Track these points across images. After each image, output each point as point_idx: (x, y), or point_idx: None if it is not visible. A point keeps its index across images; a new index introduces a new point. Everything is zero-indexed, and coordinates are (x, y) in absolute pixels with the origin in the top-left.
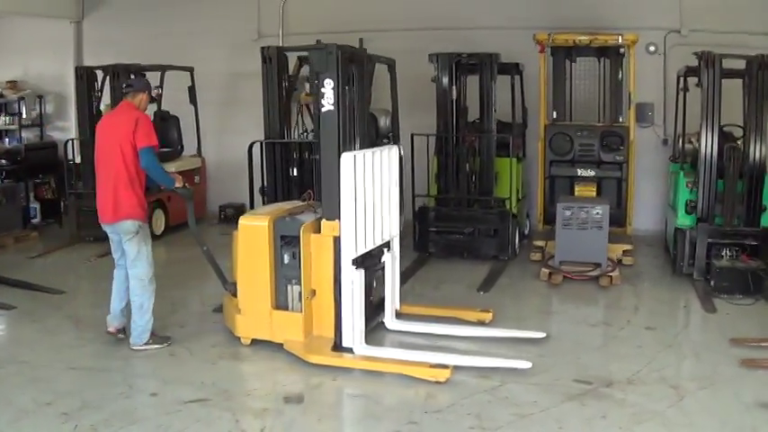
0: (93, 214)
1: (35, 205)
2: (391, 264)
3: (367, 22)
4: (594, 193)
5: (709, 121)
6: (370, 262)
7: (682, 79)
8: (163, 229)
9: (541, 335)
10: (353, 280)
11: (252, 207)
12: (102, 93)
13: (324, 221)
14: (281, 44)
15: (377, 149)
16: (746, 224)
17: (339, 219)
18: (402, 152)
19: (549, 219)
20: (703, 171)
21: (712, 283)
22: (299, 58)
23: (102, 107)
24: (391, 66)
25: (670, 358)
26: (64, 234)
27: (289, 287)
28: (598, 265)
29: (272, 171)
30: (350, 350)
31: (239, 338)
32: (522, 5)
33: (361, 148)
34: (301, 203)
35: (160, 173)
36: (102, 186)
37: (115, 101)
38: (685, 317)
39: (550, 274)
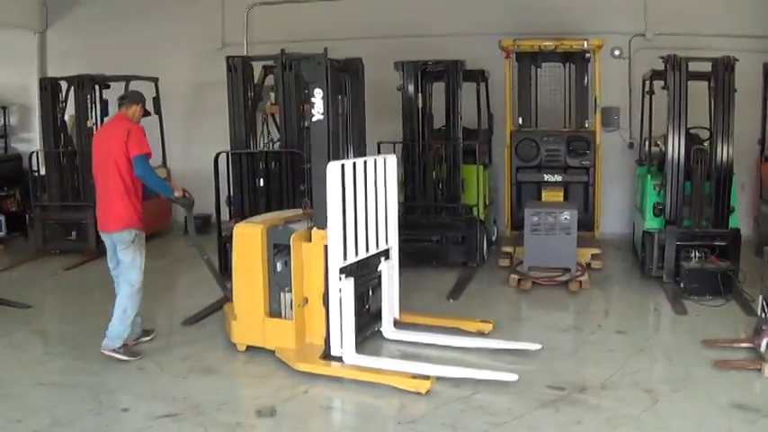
0: (60, 227)
1: (0, 218)
2: (388, 273)
3: (332, 30)
4: (562, 198)
5: (676, 123)
6: (364, 271)
7: (647, 82)
8: None
9: (537, 347)
10: (342, 288)
11: (218, 218)
12: (66, 104)
13: (314, 230)
14: (245, 53)
15: (370, 158)
16: (715, 225)
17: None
18: None
19: (517, 224)
20: (670, 173)
21: (682, 285)
22: (264, 67)
23: (66, 118)
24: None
25: (642, 362)
26: (29, 247)
27: (282, 295)
28: (567, 270)
29: (238, 181)
30: (339, 359)
31: (234, 345)
32: (486, 12)
33: (356, 156)
34: (299, 212)
35: (155, 181)
36: (100, 197)
37: (80, 112)
38: (656, 319)
39: (519, 280)
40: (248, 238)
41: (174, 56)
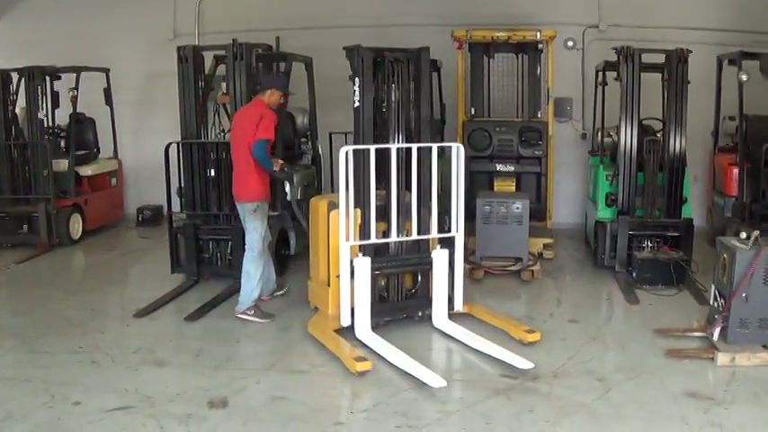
0: (11, 220)
1: None
2: (441, 261)
3: (284, 20)
4: (514, 188)
5: (629, 114)
6: (400, 254)
7: (600, 74)
8: (80, 233)
9: (530, 365)
10: (356, 267)
11: (170, 209)
12: (17, 95)
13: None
14: (197, 43)
15: (426, 145)
16: (667, 216)
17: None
18: (321, 151)
19: (469, 214)
20: (623, 164)
21: (634, 274)
22: (215, 57)
23: (17, 110)
24: (308, 64)
25: (595, 350)
26: None
27: None
28: (519, 260)
29: (188, 172)
30: (351, 331)
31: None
32: (439, 2)
33: (410, 141)
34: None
35: (264, 160)
36: (234, 172)
37: (31, 103)
38: (608, 309)
39: (472, 269)
40: (317, 209)
41: (126, 46)
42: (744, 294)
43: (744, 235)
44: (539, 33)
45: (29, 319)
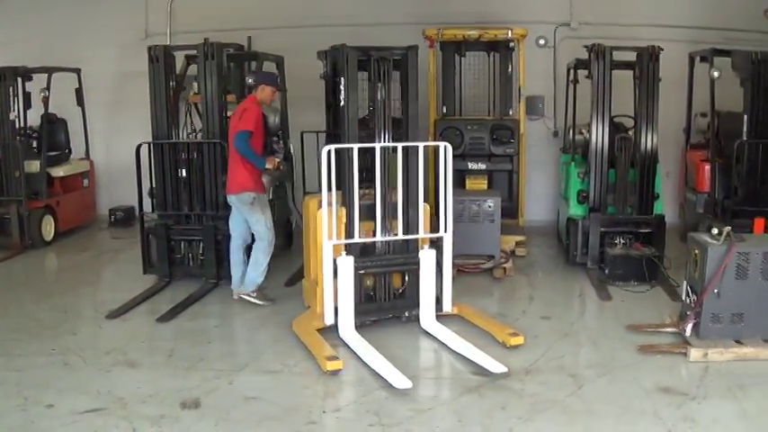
0: None
1: None
2: (429, 261)
3: (256, 19)
4: (486, 186)
5: (600, 112)
6: (386, 254)
7: (572, 71)
8: (53, 235)
9: (502, 369)
10: (339, 266)
11: (141, 209)
12: None
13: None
14: (168, 43)
15: (414, 144)
16: (639, 212)
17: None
18: (292, 150)
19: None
20: (594, 161)
21: (607, 271)
22: (186, 57)
23: None
24: (280, 63)
25: (567, 347)
26: None
27: None
28: (491, 257)
29: (160, 172)
30: (335, 330)
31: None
32: (411, 1)
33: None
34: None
35: (249, 154)
36: (228, 166)
37: (2, 104)
38: (581, 305)
39: None
40: (307, 209)
41: (98, 47)
42: (716, 290)
43: (715, 231)
44: (510, 32)
45: (1, 321)
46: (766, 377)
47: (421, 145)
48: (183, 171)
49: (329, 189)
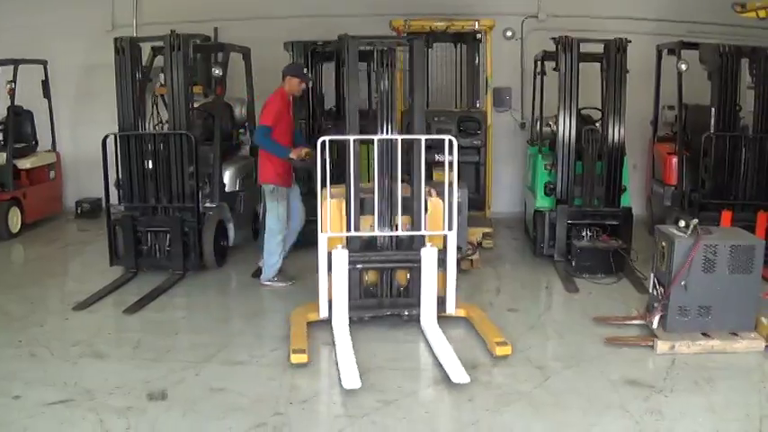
0: None
1: None
2: (430, 260)
3: (222, 10)
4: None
5: (567, 104)
6: (385, 250)
7: (539, 63)
8: (19, 227)
9: (464, 381)
10: (334, 259)
11: (107, 201)
12: None
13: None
14: (135, 34)
15: (416, 137)
16: (606, 205)
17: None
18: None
19: None
20: (561, 153)
21: (573, 263)
22: (152, 48)
23: None
24: (246, 54)
25: (534, 339)
26: None
27: None
28: (458, 249)
29: (126, 164)
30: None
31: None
32: None
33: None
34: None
35: (268, 146)
36: None
37: None
38: (548, 298)
39: None
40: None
41: (64, 39)
42: (683, 282)
43: (682, 223)
44: (477, 23)
45: None
46: (733, 370)
47: (423, 138)
48: (150, 163)
49: (323, 183)
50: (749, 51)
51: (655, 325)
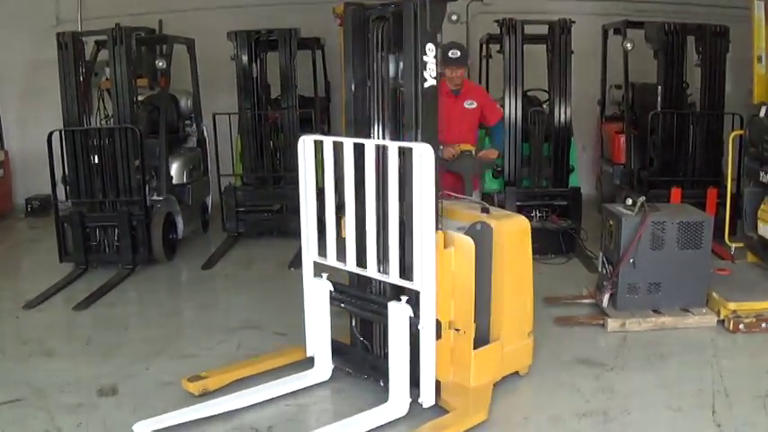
0: None
1: None
2: (399, 322)
3: (165, 2)
4: None
5: (513, 86)
6: (370, 295)
7: (484, 47)
8: None
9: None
10: (311, 289)
11: (55, 198)
12: None
13: None
14: (79, 29)
15: (393, 144)
16: (554, 185)
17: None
18: (206, 133)
19: None
20: (508, 135)
21: None
22: (96, 42)
23: None
24: (190, 45)
25: None
26: None
27: None
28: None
29: (72, 160)
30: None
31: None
32: None
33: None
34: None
35: None
36: None
37: None
38: None
39: None
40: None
41: (8, 34)
42: (631, 260)
43: (630, 201)
44: None
45: None
46: (684, 346)
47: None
48: (96, 157)
49: (306, 193)
50: (695, 29)
51: (605, 303)
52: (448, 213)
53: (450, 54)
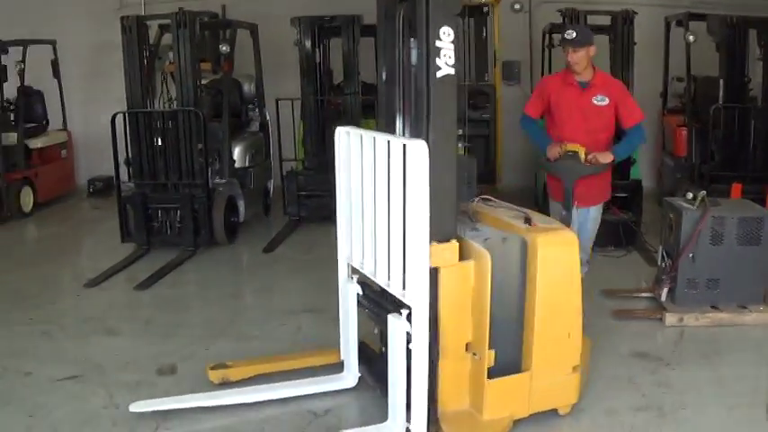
0: None
1: None
2: (397, 338)
3: None
4: (462, 151)
5: None
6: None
7: (547, 36)
8: (32, 206)
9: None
10: (344, 290)
11: (118, 179)
12: None
13: None
14: (143, 13)
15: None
16: (616, 177)
17: None
18: (268, 117)
19: None
20: None
21: None
22: (159, 26)
23: None
24: (254, 30)
25: None
26: None
27: None
28: None
29: (136, 142)
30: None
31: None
32: None
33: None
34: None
35: (531, 136)
36: None
37: None
38: None
39: None
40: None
41: (73, 18)
42: (691, 255)
43: (690, 195)
44: None
45: None
46: (741, 343)
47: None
48: (159, 140)
49: (341, 189)
50: (757, 22)
51: (663, 297)
52: (485, 219)
53: (566, 35)
